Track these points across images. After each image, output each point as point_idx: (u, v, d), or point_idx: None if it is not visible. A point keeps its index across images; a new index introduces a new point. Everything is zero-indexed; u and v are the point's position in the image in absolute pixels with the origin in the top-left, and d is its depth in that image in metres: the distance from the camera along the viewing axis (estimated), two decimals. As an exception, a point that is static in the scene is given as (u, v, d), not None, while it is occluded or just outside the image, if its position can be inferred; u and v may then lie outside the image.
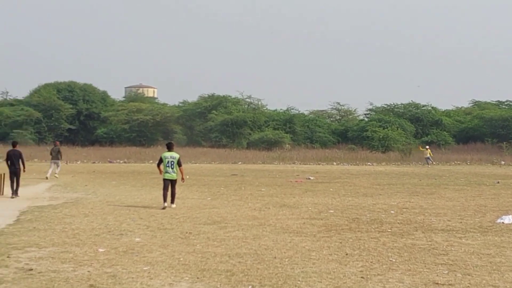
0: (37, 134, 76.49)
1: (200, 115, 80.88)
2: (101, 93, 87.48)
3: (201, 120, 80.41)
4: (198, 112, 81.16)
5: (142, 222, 14.37)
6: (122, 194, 21.71)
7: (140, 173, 37.04)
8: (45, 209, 16.97)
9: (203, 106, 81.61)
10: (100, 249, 10.69)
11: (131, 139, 76.42)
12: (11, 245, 11.01)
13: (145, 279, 8.57)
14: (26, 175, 31.96)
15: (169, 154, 18.48)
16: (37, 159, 54.82)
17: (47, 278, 8.41)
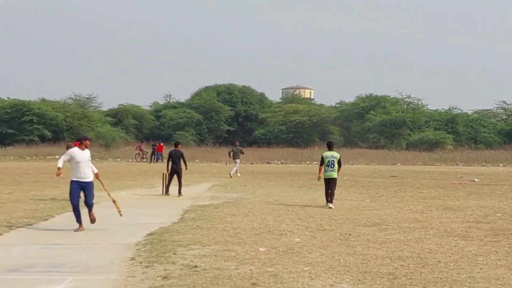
0: (198, 136, 79.36)
1: (358, 116, 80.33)
2: (259, 94, 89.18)
3: (359, 120, 79.83)
4: (355, 113, 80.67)
5: (301, 223, 14.39)
6: (281, 195, 21.93)
7: (297, 174, 37.32)
8: (207, 208, 17.45)
9: (361, 106, 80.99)
10: (260, 248, 10.80)
11: (288, 140, 77.28)
12: (177, 242, 11.39)
13: (306, 279, 8.54)
14: (189, 175, 33.24)
15: (329, 154, 18.52)
16: (198, 159, 56.85)
17: (211, 275, 8.60)
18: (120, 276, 8.67)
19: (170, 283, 8.15)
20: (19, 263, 9.51)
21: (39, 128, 70.80)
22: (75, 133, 71.80)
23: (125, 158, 56.73)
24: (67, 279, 8.43)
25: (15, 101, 74.08)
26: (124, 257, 10.03)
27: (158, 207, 18.07)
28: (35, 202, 18.21)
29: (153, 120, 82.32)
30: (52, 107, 74.13)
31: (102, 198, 20.10)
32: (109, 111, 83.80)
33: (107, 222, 14.60)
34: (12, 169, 37.50)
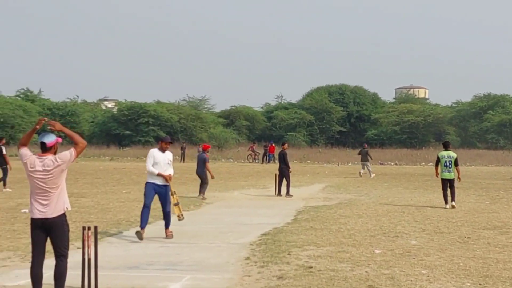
0: (310, 136, 79.26)
1: (475, 116, 77.77)
2: (371, 95, 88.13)
3: (476, 120, 77.27)
4: (472, 113, 78.12)
5: (417, 225, 14.04)
6: (395, 196, 21.51)
7: (412, 175, 36.55)
8: (320, 209, 17.35)
9: (478, 106, 78.38)
10: (376, 250, 10.60)
11: (401, 141, 75.90)
12: (291, 243, 11.37)
13: (424, 282, 8.30)
14: (301, 176, 33.24)
15: (446, 154, 18.08)
16: (310, 160, 56.76)
17: (326, 276, 8.52)
18: (236, 275, 8.74)
19: (286, 283, 8.13)
20: (139, 261, 9.77)
21: (154, 129, 72.90)
22: (188, 134, 73.59)
23: (238, 159, 57.47)
24: (184, 277, 8.58)
25: (132, 103, 76.63)
26: (239, 257, 10.11)
27: (271, 207, 18.14)
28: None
29: (265, 121, 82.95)
30: (167, 109, 76.15)
31: (216, 198, 20.46)
32: (222, 113, 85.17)
33: (222, 221, 14.81)
34: (129, 169, 38.78)
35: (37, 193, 6.89)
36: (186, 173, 35.49)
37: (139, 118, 72.96)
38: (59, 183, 6.95)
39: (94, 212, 15.87)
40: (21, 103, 72.58)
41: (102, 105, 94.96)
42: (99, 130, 75.79)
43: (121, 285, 8.07)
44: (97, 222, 13.05)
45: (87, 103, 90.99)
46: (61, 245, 7.03)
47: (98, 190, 22.31)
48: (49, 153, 6.94)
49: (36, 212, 6.89)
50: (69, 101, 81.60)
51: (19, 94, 79.76)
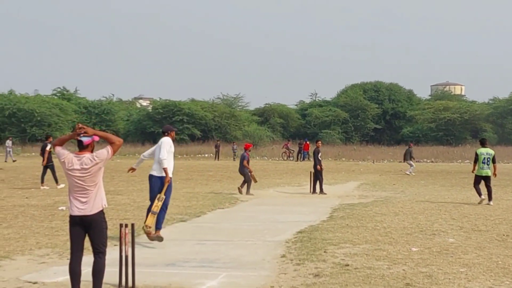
0: (344, 134, 78.94)
1: (513, 113, 76.50)
2: (407, 92, 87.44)
3: (514, 117, 76.01)
4: (510, 109, 76.96)
5: (454, 223, 13.87)
6: (432, 194, 21.29)
7: (449, 172, 36.18)
8: (356, 206, 17.24)
9: (517, 102, 77.05)
10: (413, 248, 10.50)
11: (437, 138, 75.17)
12: (327, 240, 11.31)
13: (462, 280, 8.19)
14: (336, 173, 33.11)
15: (484, 151, 17.94)
16: (344, 158, 56.53)
17: (363, 274, 8.46)
18: (272, 272, 8.73)
19: (322, 281, 8.09)
20: (175, 258, 9.82)
21: (189, 127, 73.20)
22: (223, 132, 73.74)
23: (272, 157, 57.46)
24: (220, 275, 8.60)
25: (166, 101, 77.05)
26: (275, 254, 10.10)
27: (306, 205, 18.09)
28: (188, 199, 18.79)
29: (299, 118, 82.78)
30: (201, 107, 76.39)
31: (251, 196, 20.48)
32: (256, 110, 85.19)
33: (258, 219, 14.82)
34: (165, 167, 38.92)
35: (76, 191, 6.96)
36: (221, 171, 35.65)
37: (173, 116, 73.30)
38: (97, 180, 7.02)
39: (130, 209, 16.00)
40: (57, 102, 73.59)
41: (137, 103, 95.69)
42: (134, 128, 76.37)
43: (158, 282, 8.11)
44: (133, 220, 13.15)
45: (122, 102, 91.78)
46: (100, 242, 7.08)
47: (134, 188, 22.47)
48: (86, 151, 7.02)
49: (75, 209, 6.95)
50: (104, 99, 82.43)
51: (56, 93, 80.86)
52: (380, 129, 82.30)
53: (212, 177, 30.09)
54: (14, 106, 68.85)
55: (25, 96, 75.06)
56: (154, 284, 7.98)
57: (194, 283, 8.07)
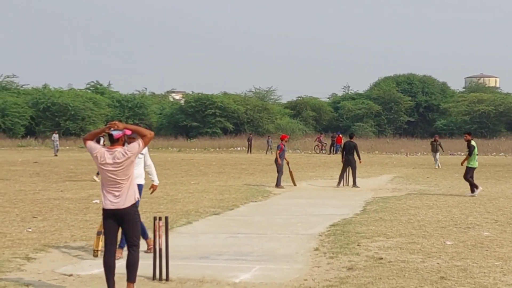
0: (377, 127, 78.46)
1: (548, 104, 75.22)
2: (441, 84, 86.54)
3: (550, 109, 74.69)
4: (546, 101, 75.61)
5: (489, 216, 13.71)
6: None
7: (483, 165, 35.64)
8: (389, 200, 17.14)
9: (552, 93, 75.75)
10: (447, 242, 10.41)
11: (472, 131, 73.92)
12: (360, 234, 11.27)
13: (497, 274, 8.11)
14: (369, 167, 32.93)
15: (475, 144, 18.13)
16: (377, 151, 56.21)
17: (397, 268, 8.41)
18: (306, 266, 8.72)
19: (356, 274, 8.07)
20: (209, 251, 9.87)
21: (221, 120, 73.33)
22: (255, 126, 73.72)
23: (305, 150, 57.35)
24: (254, 268, 8.62)
25: (199, 95, 77.23)
26: (308, 247, 10.09)
27: (339, 198, 18.03)
28: (220, 192, 18.86)
29: (332, 111, 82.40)
30: (234, 100, 76.42)
31: (284, 189, 20.48)
32: (288, 103, 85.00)
33: (291, 212, 14.83)
34: (197, 161, 39.21)
35: (109, 185, 7.02)
36: (253, 164, 35.71)
37: (206, 110, 73.47)
38: (130, 174, 7.08)
39: (164, 202, 16.10)
40: (91, 96, 74.29)
41: (169, 97, 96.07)
42: (167, 121, 76.73)
43: (191, 274, 8.16)
44: (167, 213, 13.22)
45: (155, 95, 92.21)
46: (133, 235, 7.15)
47: (167, 181, 22.60)
48: (117, 145, 7.08)
49: (108, 203, 7.01)
50: (137, 93, 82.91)
51: (89, 87, 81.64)
52: (413, 122, 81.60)
53: (245, 170, 30.16)
54: (49, 100, 69.65)
55: (59, 90, 75.93)
56: (188, 277, 8.03)
57: (227, 276, 8.10)
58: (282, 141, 22.27)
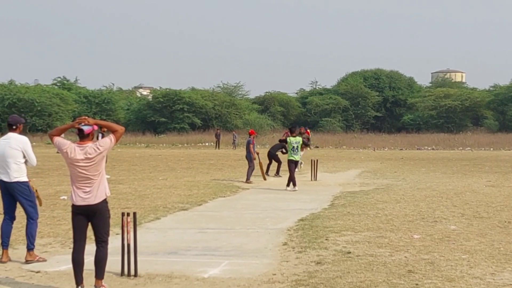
0: (345, 122, 78.99)
1: (514, 99, 76.29)
2: (407, 79, 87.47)
3: (515, 104, 75.82)
4: (511, 96, 76.70)
5: (456, 210, 13.86)
6: (433, 181, 21.27)
7: (450, 160, 36.17)
8: (357, 194, 17.24)
9: (517, 89, 76.93)
10: (415, 236, 10.50)
11: (438, 126, 75.16)
12: (328, 228, 11.31)
13: (464, 267, 8.20)
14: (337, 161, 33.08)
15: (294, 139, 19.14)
16: (345, 146, 56.54)
17: (365, 261, 8.46)
18: (274, 260, 8.73)
19: (324, 268, 8.09)
20: (177, 246, 9.82)
21: (189, 116, 73.20)
22: (223, 121, 73.64)
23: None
24: (223, 263, 8.60)
25: (167, 90, 76.98)
26: (277, 242, 10.10)
27: (307, 193, 18.08)
28: (189, 188, 18.78)
29: (300, 107, 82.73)
30: (202, 96, 76.35)
31: (251, 184, 20.48)
32: (256, 99, 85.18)
33: (259, 207, 14.83)
34: (165, 156, 39.03)
35: (79, 181, 6.91)
36: (222, 159, 35.70)
37: (174, 105, 73.27)
38: (100, 169, 7.00)
39: (132, 198, 15.99)
40: (58, 92, 73.54)
41: (137, 93, 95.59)
42: (134, 117, 76.36)
43: (160, 270, 8.12)
44: (135, 209, 13.13)
45: (123, 91, 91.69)
46: (103, 231, 7.07)
47: (135, 177, 22.48)
48: (87, 141, 6.97)
49: (79, 199, 6.91)
50: (104, 89, 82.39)
51: (56, 82, 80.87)
52: (381, 117, 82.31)
53: (213, 165, 30.10)
54: (14, 96, 68.77)
55: (25, 86, 75.01)
56: (157, 272, 7.98)
57: (196, 271, 8.07)
58: (251, 136, 22.39)
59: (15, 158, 8.61)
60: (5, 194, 8.75)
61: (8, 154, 8.59)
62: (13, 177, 8.60)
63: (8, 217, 8.83)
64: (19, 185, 8.64)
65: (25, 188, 8.67)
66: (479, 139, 58.21)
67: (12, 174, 8.61)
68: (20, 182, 8.64)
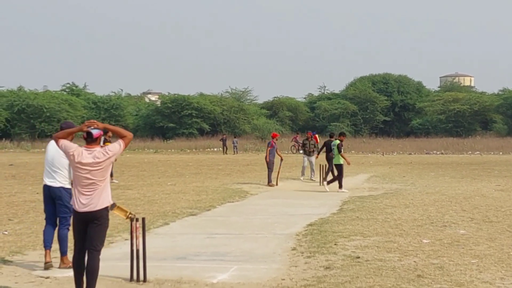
0: (353, 127, 78.88)
1: (523, 103, 75.95)
2: (416, 83, 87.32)
3: (524, 108, 75.47)
4: (520, 100, 76.35)
5: (465, 214, 13.82)
6: (442, 186, 21.21)
7: (459, 164, 36.05)
8: (366, 199, 17.21)
9: (526, 93, 76.60)
10: (424, 240, 10.48)
11: (447, 130, 74.95)
12: (337, 233, 11.30)
13: (474, 272, 8.17)
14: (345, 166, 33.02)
15: None
16: (354, 150, 56.40)
17: (374, 266, 8.44)
18: (283, 265, 8.73)
19: (333, 273, 8.09)
20: (186, 252, 9.83)
21: (198, 121, 73.30)
22: (231, 126, 73.70)
23: (281, 150, 56.87)
24: (232, 268, 8.61)
25: (175, 96, 77.13)
26: (286, 247, 10.10)
27: (316, 198, 18.08)
28: (197, 193, 18.80)
29: (308, 111, 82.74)
30: (210, 101, 76.43)
31: (261, 189, 20.49)
32: (264, 104, 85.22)
33: (268, 212, 14.83)
34: (174, 162, 39.07)
35: (83, 186, 6.76)
36: (230, 164, 35.75)
37: (182, 111, 73.38)
38: (107, 175, 6.87)
39: (141, 204, 16.02)
40: (66, 98, 73.79)
41: (145, 98, 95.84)
42: (143, 123, 76.52)
43: (169, 275, 8.12)
44: (144, 214, 13.14)
45: (131, 97, 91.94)
46: (98, 240, 6.86)
47: (143, 183, 22.52)
48: (95, 145, 6.86)
49: (80, 205, 6.77)
50: (113, 94, 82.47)
51: (65, 88, 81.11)
52: (389, 121, 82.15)
53: (221, 171, 30.12)
54: (23, 102, 69.03)
55: (34, 92, 75.29)
56: (165, 278, 7.99)
57: (205, 276, 8.07)
58: (273, 139, 22.50)
59: (63, 165, 8.63)
60: (48, 199, 8.75)
61: (57, 160, 8.65)
62: (59, 182, 8.62)
63: (51, 222, 8.82)
64: (62, 191, 8.63)
65: (66, 194, 8.62)
66: (488, 143, 58.02)
67: (58, 179, 8.63)
68: (64, 188, 8.64)
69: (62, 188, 8.64)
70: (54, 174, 8.66)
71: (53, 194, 8.66)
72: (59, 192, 8.62)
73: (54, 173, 8.66)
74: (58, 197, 8.64)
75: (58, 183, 8.63)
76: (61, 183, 8.63)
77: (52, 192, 8.65)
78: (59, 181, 8.63)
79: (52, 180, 8.67)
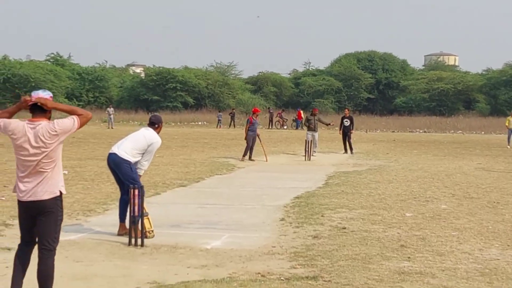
0: (337, 103, 79.20)
1: (506, 84, 76.69)
2: (401, 62, 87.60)
3: (507, 88, 76.18)
4: (503, 81, 77.11)
5: (447, 190, 14.27)
6: (424, 163, 21.68)
7: (441, 142, 36.61)
8: (351, 174, 17.62)
9: (509, 74, 77.23)
10: (407, 214, 10.90)
11: (430, 108, 75.56)
12: (323, 205, 11.68)
13: (454, 243, 8.60)
14: (330, 142, 33.48)
15: None
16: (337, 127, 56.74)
17: (359, 236, 8.85)
18: (273, 234, 9.11)
19: (321, 242, 8.48)
20: (180, 220, 10.19)
21: (182, 95, 73.37)
22: (216, 100, 73.83)
23: (266, 125, 57.73)
24: (224, 235, 8.99)
25: (160, 68, 77.05)
26: (274, 218, 10.48)
27: (302, 172, 18.47)
28: (185, 165, 19.12)
29: (292, 87, 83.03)
30: (195, 75, 76.44)
31: (247, 163, 20.83)
32: (249, 79, 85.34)
33: (256, 185, 15.21)
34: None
35: (25, 169, 5.39)
36: (216, 138, 36.01)
37: (167, 84, 73.40)
38: (55, 157, 5.43)
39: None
40: (51, 68, 73.40)
41: (130, 70, 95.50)
42: (127, 95, 76.47)
43: (165, 241, 8.47)
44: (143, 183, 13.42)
45: (116, 68, 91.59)
46: (49, 237, 5.44)
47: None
48: (43, 118, 5.44)
49: (24, 193, 5.40)
50: (98, 66, 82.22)
51: (49, 58, 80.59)
52: (373, 99, 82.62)
53: (207, 144, 30.43)
54: (9, 72, 68.65)
55: (19, 61, 74.79)
56: (162, 243, 8.35)
57: (199, 243, 8.44)
58: (253, 114, 22.51)
59: (137, 146, 9.04)
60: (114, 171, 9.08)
61: (135, 139, 9.16)
62: (123, 153, 8.93)
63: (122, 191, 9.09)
64: (124, 162, 8.89)
65: (127, 166, 8.87)
66: (470, 123, 58.72)
67: (123, 152, 8.96)
68: (125, 160, 8.89)
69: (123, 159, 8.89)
70: (123, 146, 9.09)
71: (115, 163, 8.98)
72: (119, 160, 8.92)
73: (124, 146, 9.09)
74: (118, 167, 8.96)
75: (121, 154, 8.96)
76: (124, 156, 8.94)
77: (114, 159, 8.98)
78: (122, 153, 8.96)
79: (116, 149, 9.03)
